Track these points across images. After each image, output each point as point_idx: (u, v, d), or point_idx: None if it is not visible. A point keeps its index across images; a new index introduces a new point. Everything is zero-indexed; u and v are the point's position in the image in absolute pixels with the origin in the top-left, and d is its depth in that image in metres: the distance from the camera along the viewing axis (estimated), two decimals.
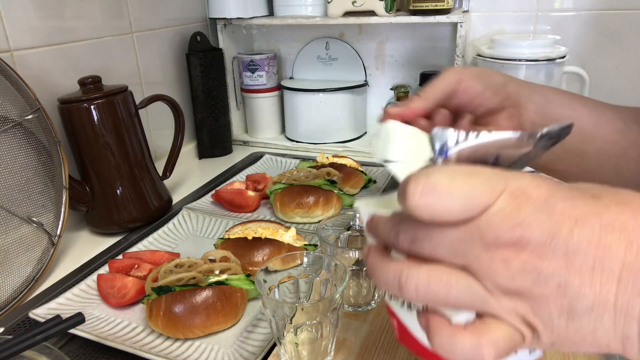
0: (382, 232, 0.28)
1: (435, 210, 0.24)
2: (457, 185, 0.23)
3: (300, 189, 0.78)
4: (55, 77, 0.78)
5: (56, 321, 0.42)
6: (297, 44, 1.20)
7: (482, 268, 0.23)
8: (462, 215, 0.24)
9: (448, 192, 0.23)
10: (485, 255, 0.23)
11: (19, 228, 0.66)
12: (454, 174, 0.24)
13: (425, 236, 0.25)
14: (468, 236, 0.24)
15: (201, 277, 0.55)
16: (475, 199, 0.23)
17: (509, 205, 0.23)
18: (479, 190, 0.23)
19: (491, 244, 0.23)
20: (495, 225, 0.23)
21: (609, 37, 0.96)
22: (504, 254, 0.23)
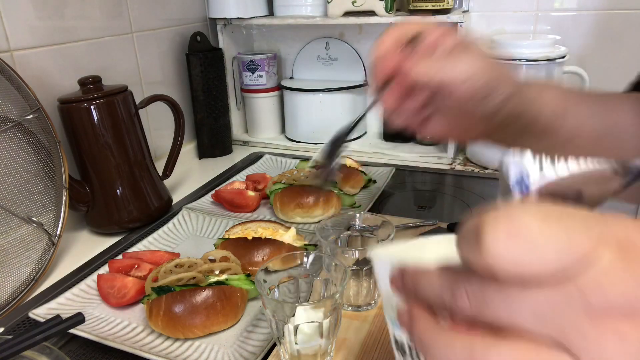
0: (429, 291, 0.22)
1: (524, 266, 0.18)
2: (552, 231, 0.18)
3: (300, 189, 0.78)
4: (55, 77, 0.78)
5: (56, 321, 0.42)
6: (297, 44, 1.20)
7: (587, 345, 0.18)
8: (558, 272, 0.18)
9: (540, 239, 0.18)
10: (590, 327, 0.18)
11: (19, 228, 0.66)
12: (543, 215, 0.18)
13: (501, 298, 0.19)
14: (565, 299, 0.18)
15: (201, 277, 0.55)
16: (577, 250, 0.18)
17: (618, 258, 0.18)
18: (579, 238, 0.18)
19: (598, 312, 0.18)
20: (604, 285, 0.17)
21: (609, 37, 0.96)
22: (617, 325, 0.17)
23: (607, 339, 0.18)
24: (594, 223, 0.18)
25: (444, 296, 0.21)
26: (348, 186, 0.85)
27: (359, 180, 0.87)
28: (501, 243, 0.18)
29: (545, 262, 0.18)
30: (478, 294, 0.20)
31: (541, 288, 0.18)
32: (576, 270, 0.18)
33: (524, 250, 0.18)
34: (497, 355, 0.19)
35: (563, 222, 0.18)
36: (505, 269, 0.18)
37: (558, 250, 0.18)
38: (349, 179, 0.85)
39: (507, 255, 0.18)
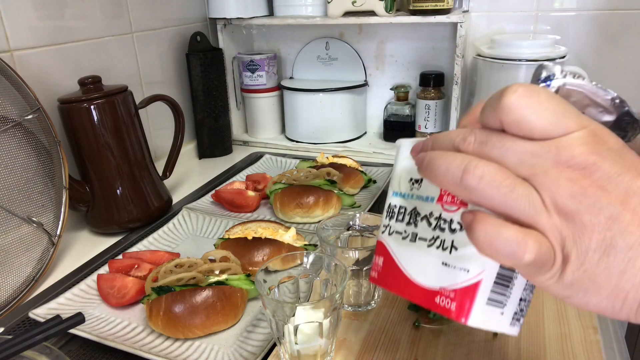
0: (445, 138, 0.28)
1: (526, 116, 0.24)
2: (553, 103, 0.25)
3: (300, 189, 0.78)
4: (55, 77, 0.78)
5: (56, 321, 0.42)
6: (297, 44, 1.20)
7: (547, 182, 0.24)
8: (547, 130, 0.24)
9: (545, 103, 0.24)
10: (554, 171, 0.24)
11: (19, 228, 0.66)
12: (552, 95, 0.25)
13: (497, 141, 0.26)
14: (543, 151, 0.24)
15: (201, 277, 0.55)
16: (565, 121, 0.24)
17: (589, 136, 0.24)
18: (569, 115, 0.25)
19: (563, 162, 0.24)
20: (574, 147, 0.24)
21: (609, 37, 0.96)
22: (572, 173, 0.24)
23: (562, 180, 0.24)
24: (582, 115, 0.25)
25: (456, 140, 0.27)
26: (348, 186, 0.85)
27: (359, 180, 0.87)
28: (517, 95, 0.25)
29: (541, 119, 0.24)
30: (483, 135, 0.26)
31: (527, 141, 0.25)
32: (558, 134, 0.24)
33: (531, 105, 0.24)
34: (485, 166, 0.25)
35: (565, 105, 0.25)
36: (514, 113, 0.25)
37: (553, 116, 0.24)
38: (349, 179, 0.85)
39: (519, 104, 0.24)
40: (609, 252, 0.23)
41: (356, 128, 1.16)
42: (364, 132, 1.20)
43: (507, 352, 0.47)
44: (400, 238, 0.34)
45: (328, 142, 1.13)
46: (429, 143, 0.30)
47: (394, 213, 0.36)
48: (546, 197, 0.24)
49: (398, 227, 0.35)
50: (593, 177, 0.24)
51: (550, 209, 0.24)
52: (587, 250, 0.24)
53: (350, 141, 1.15)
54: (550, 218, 0.24)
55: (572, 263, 0.24)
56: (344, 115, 1.12)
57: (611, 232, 0.23)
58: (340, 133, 1.14)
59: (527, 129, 0.25)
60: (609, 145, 0.25)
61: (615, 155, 0.24)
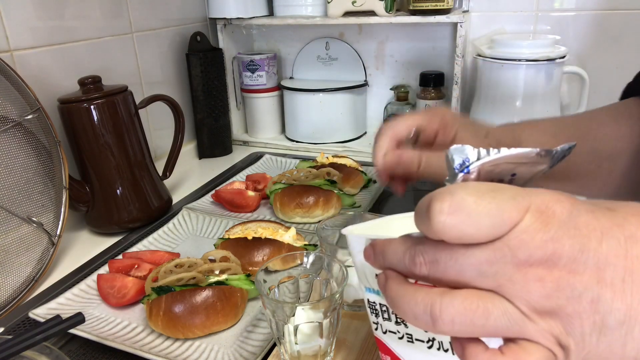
0: (392, 257, 0.27)
1: (463, 231, 0.23)
2: (485, 203, 0.23)
3: (300, 189, 0.78)
4: (55, 77, 0.78)
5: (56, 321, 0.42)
6: (297, 44, 1.20)
7: (516, 289, 0.23)
8: (491, 234, 0.23)
9: (476, 210, 0.23)
10: (518, 275, 0.23)
11: (19, 228, 0.66)
12: (479, 191, 0.23)
13: (449, 258, 0.24)
14: (498, 256, 0.23)
15: (201, 277, 0.55)
16: (504, 216, 0.23)
17: (537, 220, 0.23)
18: (506, 207, 0.23)
19: (523, 263, 0.22)
20: (527, 242, 0.22)
21: (609, 37, 0.96)
22: (537, 272, 0.22)
23: (530, 283, 0.22)
24: (520, 195, 0.23)
25: (405, 260, 0.26)
26: (348, 186, 0.85)
27: (359, 180, 0.87)
28: (444, 215, 0.23)
29: (480, 228, 0.23)
30: (431, 255, 0.25)
31: (479, 248, 0.23)
32: (504, 232, 0.23)
33: (463, 218, 0.23)
34: (451, 304, 0.23)
35: (494, 196, 0.23)
36: (449, 234, 0.23)
37: (490, 217, 0.23)
38: (349, 179, 0.85)
39: (450, 224, 0.23)
40: (605, 332, 0.22)
41: (356, 128, 1.16)
42: (364, 132, 1.20)
43: None
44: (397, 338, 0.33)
45: (328, 142, 1.13)
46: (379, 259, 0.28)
47: (377, 311, 0.34)
48: (522, 306, 0.23)
49: (389, 326, 0.33)
50: (559, 266, 0.22)
51: (530, 316, 0.23)
52: (582, 335, 0.23)
53: (350, 141, 1.15)
54: (536, 324, 0.23)
55: (573, 352, 0.23)
56: (344, 115, 1.12)
57: (599, 314, 0.22)
58: (340, 133, 1.14)
59: (470, 241, 0.23)
60: (559, 218, 0.23)
61: (570, 229, 0.22)
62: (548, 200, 0.23)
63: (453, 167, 0.27)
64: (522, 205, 0.23)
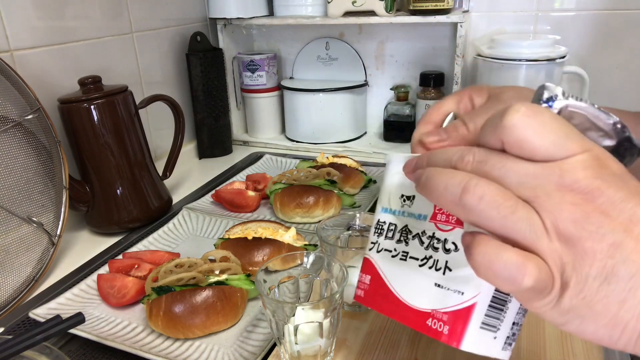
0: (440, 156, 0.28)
1: (530, 135, 0.24)
2: (557, 124, 0.24)
3: (300, 189, 0.78)
4: (55, 77, 0.78)
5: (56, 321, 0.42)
6: (297, 44, 1.20)
7: (549, 205, 0.24)
8: (550, 151, 0.24)
9: (549, 124, 0.24)
10: (557, 194, 0.23)
11: (19, 228, 0.66)
12: (556, 116, 0.25)
13: (498, 161, 0.25)
14: (546, 173, 0.24)
15: (201, 277, 0.55)
16: (568, 143, 0.24)
17: (593, 160, 0.24)
18: (573, 137, 0.24)
19: (566, 186, 0.23)
20: (577, 170, 0.23)
21: (609, 37, 0.96)
22: (575, 197, 0.23)
23: (564, 204, 0.23)
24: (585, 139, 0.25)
25: (453, 158, 0.27)
26: (348, 186, 0.85)
27: (359, 180, 0.87)
28: (520, 115, 0.24)
29: (544, 140, 0.24)
30: (482, 155, 0.26)
31: (529, 162, 0.24)
32: (561, 157, 0.24)
33: (534, 126, 0.24)
34: (486, 186, 0.24)
35: (567, 125, 0.24)
36: (516, 133, 0.24)
37: (556, 138, 0.24)
38: (349, 179, 0.85)
39: (521, 123, 0.24)
40: (610, 280, 0.23)
41: (356, 128, 1.16)
42: (364, 132, 1.20)
43: None
44: (390, 256, 0.33)
45: (328, 142, 1.13)
46: (424, 160, 0.29)
47: (382, 230, 0.34)
48: (547, 220, 0.23)
49: (387, 244, 0.34)
50: (596, 202, 0.23)
51: (551, 233, 0.23)
52: (587, 277, 0.23)
53: (350, 141, 1.15)
54: (551, 243, 0.23)
55: (570, 289, 0.23)
56: (344, 115, 1.12)
57: (613, 259, 0.23)
58: (340, 133, 1.14)
59: (529, 149, 0.24)
60: (612, 170, 0.24)
61: (619, 181, 0.24)
62: (608, 155, 0.25)
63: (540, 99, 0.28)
64: (586, 145, 0.24)
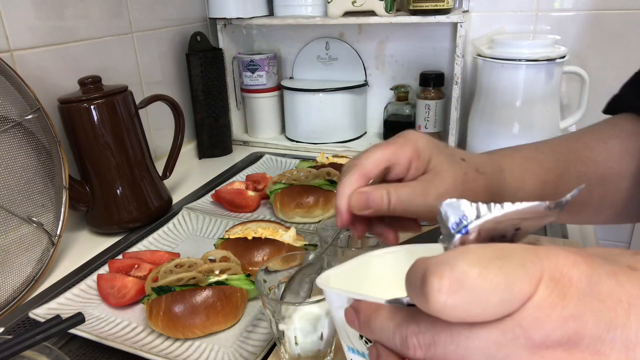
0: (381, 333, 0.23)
1: (467, 311, 0.20)
2: (491, 276, 0.19)
3: (300, 189, 0.78)
4: (55, 77, 0.78)
5: (56, 321, 0.42)
6: (297, 44, 1.20)
7: None
8: (499, 313, 0.20)
9: (481, 286, 0.19)
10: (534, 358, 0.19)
11: (19, 228, 0.66)
12: (482, 260, 0.20)
13: (450, 342, 0.20)
14: (509, 337, 0.20)
15: (201, 277, 0.55)
16: (514, 291, 0.19)
17: (552, 293, 0.19)
18: (516, 278, 0.19)
19: (539, 345, 0.19)
20: (542, 320, 0.19)
21: (609, 37, 0.96)
22: (555, 355, 0.19)
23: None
24: (528, 260, 0.20)
25: (395, 340, 0.22)
26: None
27: None
28: (444, 295, 0.19)
29: (487, 307, 0.19)
30: (428, 337, 0.21)
31: (485, 328, 0.20)
32: (515, 308, 0.19)
33: (466, 299, 0.19)
34: None
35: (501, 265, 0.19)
36: (451, 316, 0.20)
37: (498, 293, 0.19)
38: None
39: (452, 305, 0.19)
40: None
41: (356, 128, 1.16)
42: (364, 132, 1.20)
43: None
44: None
45: (328, 142, 1.13)
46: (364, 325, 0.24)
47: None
48: None
49: None
50: (581, 347, 0.19)
51: None
52: None
53: (350, 141, 1.15)
54: None
55: None
56: (344, 115, 1.12)
57: None
58: (340, 133, 1.14)
59: (477, 321, 0.20)
60: (577, 287, 0.20)
61: (592, 301, 0.19)
62: (562, 264, 0.20)
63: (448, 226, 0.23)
64: (534, 275, 0.20)
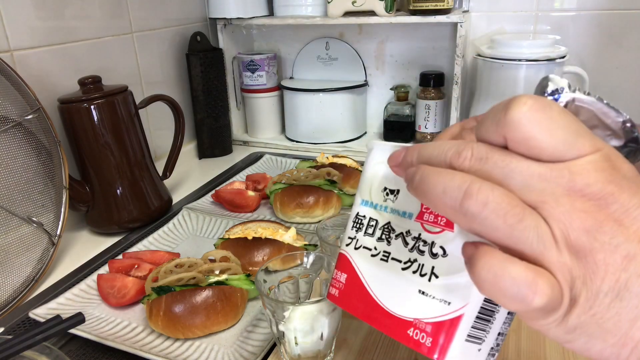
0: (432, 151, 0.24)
1: (538, 132, 0.21)
2: (567, 120, 0.22)
3: (300, 189, 0.78)
4: (55, 77, 0.78)
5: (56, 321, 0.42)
6: (297, 44, 1.20)
7: (558, 212, 0.21)
8: (558, 150, 0.21)
9: (558, 119, 0.21)
10: (566, 200, 0.21)
11: (19, 228, 0.66)
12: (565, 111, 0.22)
13: (501, 160, 0.22)
14: (554, 175, 0.21)
15: (201, 277, 0.55)
16: (578, 141, 0.21)
17: (605, 162, 0.21)
18: (583, 135, 0.22)
19: (577, 190, 0.21)
20: (589, 173, 0.21)
21: (609, 37, 0.96)
22: (586, 204, 0.21)
23: (574, 212, 0.21)
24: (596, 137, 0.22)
25: (448, 154, 0.24)
26: (348, 186, 0.85)
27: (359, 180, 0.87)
28: (527, 109, 0.21)
29: (553, 138, 0.21)
30: (482, 151, 0.23)
31: (536, 162, 0.22)
32: (571, 157, 0.21)
33: (542, 121, 0.21)
34: (490, 190, 0.21)
35: (577, 122, 0.22)
36: (522, 129, 0.21)
37: (566, 135, 0.21)
38: (349, 179, 0.85)
39: (528, 118, 0.21)
40: (623, 296, 0.21)
41: (356, 128, 1.16)
42: (364, 132, 1.20)
43: (507, 352, 0.47)
44: (369, 255, 0.30)
45: (328, 142, 1.13)
46: (414, 154, 0.26)
47: (362, 225, 0.31)
48: (557, 230, 0.21)
49: (367, 241, 0.31)
50: (609, 210, 0.21)
51: (560, 244, 0.21)
52: (597, 292, 0.21)
53: (350, 141, 1.15)
54: (560, 255, 0.21)
55: (579, 306, 0.21)
56: (344, 115, 1.12)
57: (627, 273, 0.20)
58: (340, 133, 1.14)
59: (536, 148, 0.22)
60: (624, 172, 0.22)
61: (633, 185, 0.21)
62: (618, 155, 0.22)
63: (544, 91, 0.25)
64: (597, 144, 0.22)
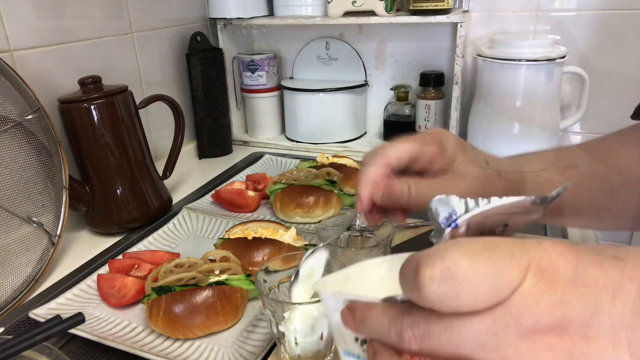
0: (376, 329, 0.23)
1: (458, 300, 0.20)
2: (480, 266, 0.20)
3: (300, 189, 0.78)
4: (55, 77, 0.78)
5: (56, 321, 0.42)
6: (297, 44, 1.20)
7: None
8: (490, 301, 0.20)
9: (471, 275, 0.20)
10: (526, 345, 0.20)
11: (19, 228, 0.66)
12: (471, 251, 0.20)
13: (444, 332, 0.21)
14: (500, 325, 0.20)
15: (201, 277, 0.55)
16: (503, 280, 0.20)
17: (540, 281, 0.20)
18: (504, 267, 0.20)
19: (529, 331, 0.20)
20: (532, 307, 0.20)
21: (609, 37, 0.96)
22: (546, 339, 0.20)
23: (539, 354, 0.20)
24: (516, 251, 0.21)
25: (391, 334, 0.23)
26: (348, 186, 0.85)
27: None
28: (436, 284, 0.20)
29: (477, 296, 0.20)
30: (422, 328, 0.21)
31: (477, 317, 0.20)
32: (505, 297, 0.20)
33: (457, 288, 0.20)
34: None
35: (490, 256, 0.20)
36: (443, 306, 0.20)
37: (488, 282, 0.20)
38: (349, 179, 0.85)
39: (443, 294, 0.20)
40: None
41: (356, 128, 1.16)
42: (364, 132, 1.20)
43: None
44: None
45: (328, 142, 1.13)
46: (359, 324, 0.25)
47: None
48: None
49: None
50: (570, 332, 0.20)
51: None
52: None
53: (350, 141, 1.15)
54: None
55: None
56: (344, 115, 1.12)
57: None
58: (340, 133, 1.14)
59: (467, 310, 0.20)
60: (563, 275, 0.20)
61: (578, 288, 0.20)
62: (549, 254, 0.21)
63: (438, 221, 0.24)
64: (522, 264, 0.20)
